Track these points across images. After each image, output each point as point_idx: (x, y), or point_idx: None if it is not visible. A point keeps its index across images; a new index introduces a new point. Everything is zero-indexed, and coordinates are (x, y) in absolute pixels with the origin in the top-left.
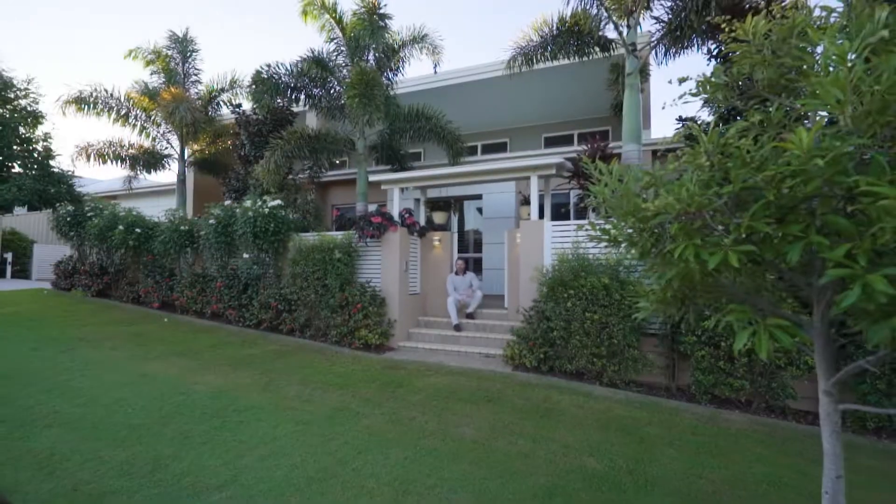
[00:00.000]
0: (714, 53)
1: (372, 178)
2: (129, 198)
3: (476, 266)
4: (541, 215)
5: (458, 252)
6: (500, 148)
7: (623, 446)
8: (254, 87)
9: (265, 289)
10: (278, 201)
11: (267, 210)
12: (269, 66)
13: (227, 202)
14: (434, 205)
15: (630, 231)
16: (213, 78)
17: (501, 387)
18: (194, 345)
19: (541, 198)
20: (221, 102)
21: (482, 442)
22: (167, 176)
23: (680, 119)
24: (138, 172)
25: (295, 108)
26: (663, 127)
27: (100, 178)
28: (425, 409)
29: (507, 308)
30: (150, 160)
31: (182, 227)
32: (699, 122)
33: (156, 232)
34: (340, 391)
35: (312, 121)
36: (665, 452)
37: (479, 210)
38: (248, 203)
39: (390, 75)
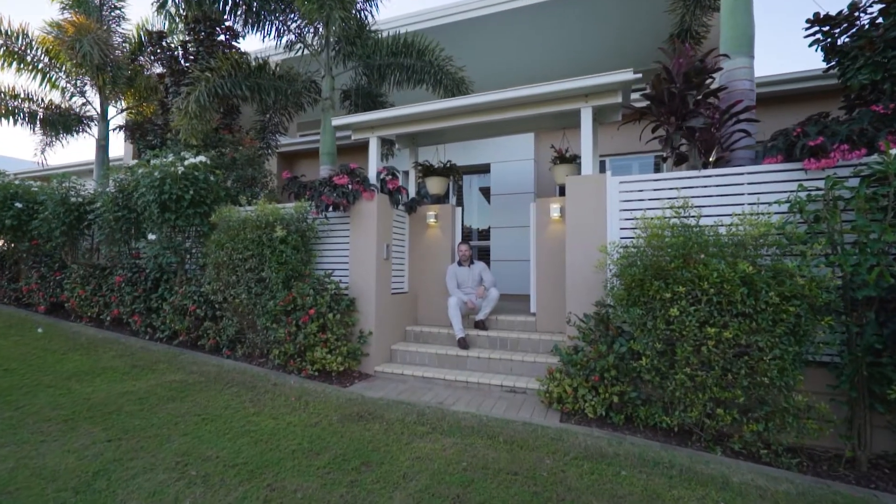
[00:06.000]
0: None
1: (336, 121)
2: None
3: (482, 258)
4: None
5: (461, 238)
6: None
7: None
8: None
9: (182, 286)
10: (202, 158)
11: (181, 170)
12: None
13: (133, 162)
14: (428, 170)
15: None
16: (147, 17)
17: (554, 465)
18: (38, 375)
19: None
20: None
21: None
22: (90, 144)
23: (816, 20)
24: (50, 137)
25: (241, 46)
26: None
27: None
28: None
29: (537, 314)
30: (60, 120)
31: (73, 199)
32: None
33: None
34: (246, 486)
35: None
36: None
37: (484, 192)
38: (155, 161)
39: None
